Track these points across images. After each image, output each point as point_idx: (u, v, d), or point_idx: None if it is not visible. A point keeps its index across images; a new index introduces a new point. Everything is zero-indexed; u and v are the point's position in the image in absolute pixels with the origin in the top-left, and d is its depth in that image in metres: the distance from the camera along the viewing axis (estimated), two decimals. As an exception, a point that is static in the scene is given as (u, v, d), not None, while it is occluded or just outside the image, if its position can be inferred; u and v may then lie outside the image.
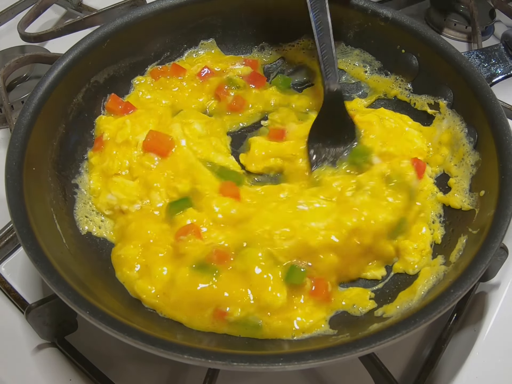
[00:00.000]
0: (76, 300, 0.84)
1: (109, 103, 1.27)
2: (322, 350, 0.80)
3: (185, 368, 1.03)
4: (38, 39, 1.52)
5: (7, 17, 1.72)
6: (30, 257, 0.88)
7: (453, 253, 1.02)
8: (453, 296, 0.85)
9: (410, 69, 1.31)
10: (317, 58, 1.21)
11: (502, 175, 1.00)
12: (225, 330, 0.96)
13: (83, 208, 1.13)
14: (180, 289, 0.97)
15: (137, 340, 0.79)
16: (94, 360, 1.03)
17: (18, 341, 1.07)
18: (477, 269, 0.88)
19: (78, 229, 1.09)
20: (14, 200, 0.95)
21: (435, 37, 1.24)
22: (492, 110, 1.09)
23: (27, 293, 1.13)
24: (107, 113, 1.27)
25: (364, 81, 1.40)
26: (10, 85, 1.48)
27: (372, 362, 0.96)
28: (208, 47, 1.43)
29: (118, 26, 1.26)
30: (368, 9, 1.31)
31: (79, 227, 1.10)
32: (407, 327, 0.81)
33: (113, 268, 1.05)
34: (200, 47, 1.42)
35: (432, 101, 1.27)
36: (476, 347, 1.06)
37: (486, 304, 1.12)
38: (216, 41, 1.43)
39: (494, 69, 1.24)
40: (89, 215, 1.12)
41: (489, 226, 0.94)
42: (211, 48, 1.43)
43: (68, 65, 1.17)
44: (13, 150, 1.01)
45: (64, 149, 1.16)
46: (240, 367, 0.78)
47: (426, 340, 1.08)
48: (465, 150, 1.14)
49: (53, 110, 1.13)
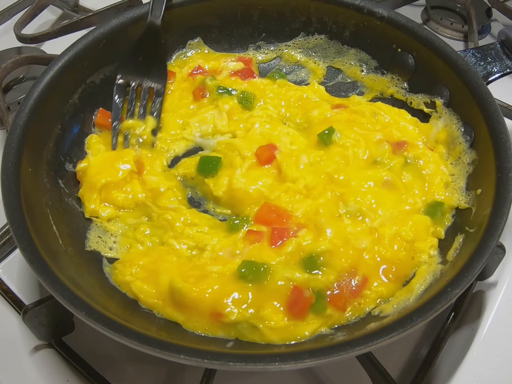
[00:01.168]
0: (72, 300, 0.84)
1: (98, 119, 1.26)
2: (318, 350, 0.80)
3: (182, 368, 1.03)
4: (34, 40, 1.52)
5: (3, 18, 1.72)
6: (26, 258, 0.88)
7: (450, 251, 1.01)
8: (450, 295, 0.85)
9: (406, 68, 1.31)
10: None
11: (499, 173, 1.00)
12: (221, 332, 0.95)
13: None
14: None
15: (133, 340, 0.79)
16: (91, 361, 1.03)
17: (15, 342, 1.06)
18: (474, 268, 0.88)
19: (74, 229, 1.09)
20: (10, 201, 0.95)
21: (431, 36, 1.24)
22: (488, 109, 1.09)
23: (24, 294, 1.13)
24: (97, 130, 1.27)
25: (360, 80, 1.40)
26: (7, 87, 1.48)
27: (369, 361, 0.96)
28: (195, 47, 1.42)
29: (113, 27, 1.26)
30: (364, 8, 1.32)
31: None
32: (404, 326, 0.81)
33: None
34: (188, 47, 1.42)
35: (429, 100, 1.27)
36: (474, 346, 1.06)
37: (484, 303, 1.12)
38: (212, 41, 1.43)
39: (490, 67, 1.24)
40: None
41: (486, 225, 0.94)
42: (198, 48, 1.43)
43: (64, 66, 1.17)
44: (9, 151, 1.01)
45: (60, 150, 1.16)
46: (237, 367, 0.78)
47: (424, 339, 1.08)
48: (461, 148, 1.14)
49: (49, 111, 1.13)
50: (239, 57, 1.42)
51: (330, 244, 1.01)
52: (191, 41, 1.42)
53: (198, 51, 1.43)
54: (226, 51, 1.45)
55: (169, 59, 1.41)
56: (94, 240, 1.10)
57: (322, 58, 1.44)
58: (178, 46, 1.41)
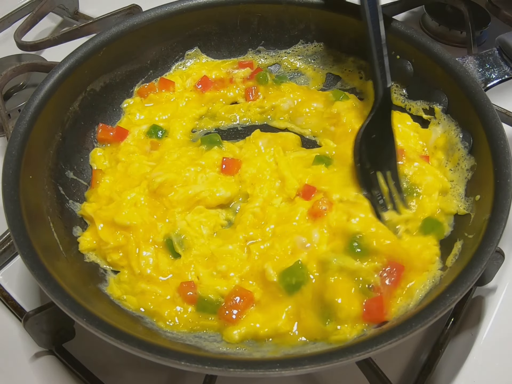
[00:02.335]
0: (72, 307, 0.84)
1: (100, 134, 1.27)
2: (318, 355, 0.80)
3: (183, 374, 1.03)
4: (34, 47, 1.53)
5: (3, 26, 1.72)
6: (27, 265, 0.88)
7: (449, 257, 1.02)
8: (449, 301, 0.85)
9: (405, 74, 1.32)
10: (371, 60, 1.18)
11: (497, 179, 1.00)
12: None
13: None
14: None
15: (134, 347, 0.79)
16: (92, 368, 1.03)
17: (16, 349, 1.06)
18: (472, 273, 0.88)
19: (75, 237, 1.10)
20: (11, 208, 0.95)
21: (429, 42, 1.25)
22: (487, 115, 1.09)
23: (25, 301, 1.13)
24: (99, 145, 1.27)
25: (359, 87, 1.40)
26: (7, 94, 1.49)
27: (369, 367, 0.96)
28: (193, 56, 1.43)
29: (114, 35, 1.27)
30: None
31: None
32: (403, 331, 0.82)
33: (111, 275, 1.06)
34: (186, 57, 1.43)
35: (427, 106, 1.28)
36: (474, 351, 1.06)
37: (483, 308, 1.12)
38: (212, 48, 1.44)
39: (488, 74, 1.24)
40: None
41: (485, 230, 0.94)
42: (197, 57, 1.44)
43: (64, 73, 1.18)
44: (9, 159, 1.02)
45: (60, 157, 1.16)
46: (237, 373, 0.78)
47: (424, 345, 1.08)
48: (460, 154, 1.15)
49: (49, 118, 1.14)
50: (239, 62, 1.44)
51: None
52: (189, 51, 1.43)
53: (197, 61, 1.44)
54: (225, 58, 1.46)
55: (168, 70, 1.42)
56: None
57: (321, 65, 1.45)
58: (178, 54, 1.42)
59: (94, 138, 1.27)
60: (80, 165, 1.22)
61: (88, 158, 1.24)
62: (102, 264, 1.08)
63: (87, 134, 1.26)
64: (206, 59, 1.44)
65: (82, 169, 1.22)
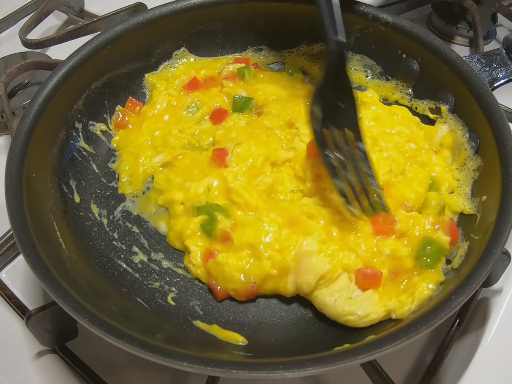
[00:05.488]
0: (75, 307, 0.84)
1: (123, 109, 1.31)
2: (322, 357, 0.79)
3: (186, 375, 1.02)
4: (39, 45, 1.53)
5: (8, 23, 1.72)
6: (29, 264, 0.88)
7: (455, 259, 1.01)
8: (455, 303, 0.84)
9: (411, 74, 1.31)
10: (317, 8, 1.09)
11: (504, 180, 1.00)
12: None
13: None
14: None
15: (136, 347, 0.79)
16: (94, 367, 1.03)
17: (19, 347, 1.06)
18: (478, 275, 0.87)
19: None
20: (14, 206, 0.95)
21: (436, 41, 1.24)
22: (494, 115, 1.08)
23: (28, 299, 1.13)
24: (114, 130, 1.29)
25: (365, 86, 1.39)
26: (12, 92, 1.48)
27: (373, 369, 0.95)
28: (182, 56, 1.42)
29: (118, 32, 1.26)
30: (369, 14, 1.31)
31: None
32: (408, 334, 0.81)
33: (113, 274, 1.06)
34: (174, 57, 1.41)
35: (434, 106, 1.27)
36: (479, 353, 1.05)
37: (489, 310, 1.11)
38: (216, 46, 1.44)
39: (495, 73, 1.23)
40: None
41: (491, 232, 0.94)
42: (184, 57, 1.42)
43: (69, 71, 1.17)
44: (13, 157, 1.02)
45: (64, 156, 1.16)
46: (240, 374, 0.77)
47: (428, 347, 1.07)
48: (466, 155, 1.14)
49: (53, 116, 1.13)
50: (235, 58, 1.43)
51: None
52: (177, 51, 1.41)
53: (185, 61, 1.42)
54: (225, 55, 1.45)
55: (156, 69, 1.40)
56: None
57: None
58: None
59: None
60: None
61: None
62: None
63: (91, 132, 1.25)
64: (194, 58, 1.43)
65: (85, 167, 1.22)
